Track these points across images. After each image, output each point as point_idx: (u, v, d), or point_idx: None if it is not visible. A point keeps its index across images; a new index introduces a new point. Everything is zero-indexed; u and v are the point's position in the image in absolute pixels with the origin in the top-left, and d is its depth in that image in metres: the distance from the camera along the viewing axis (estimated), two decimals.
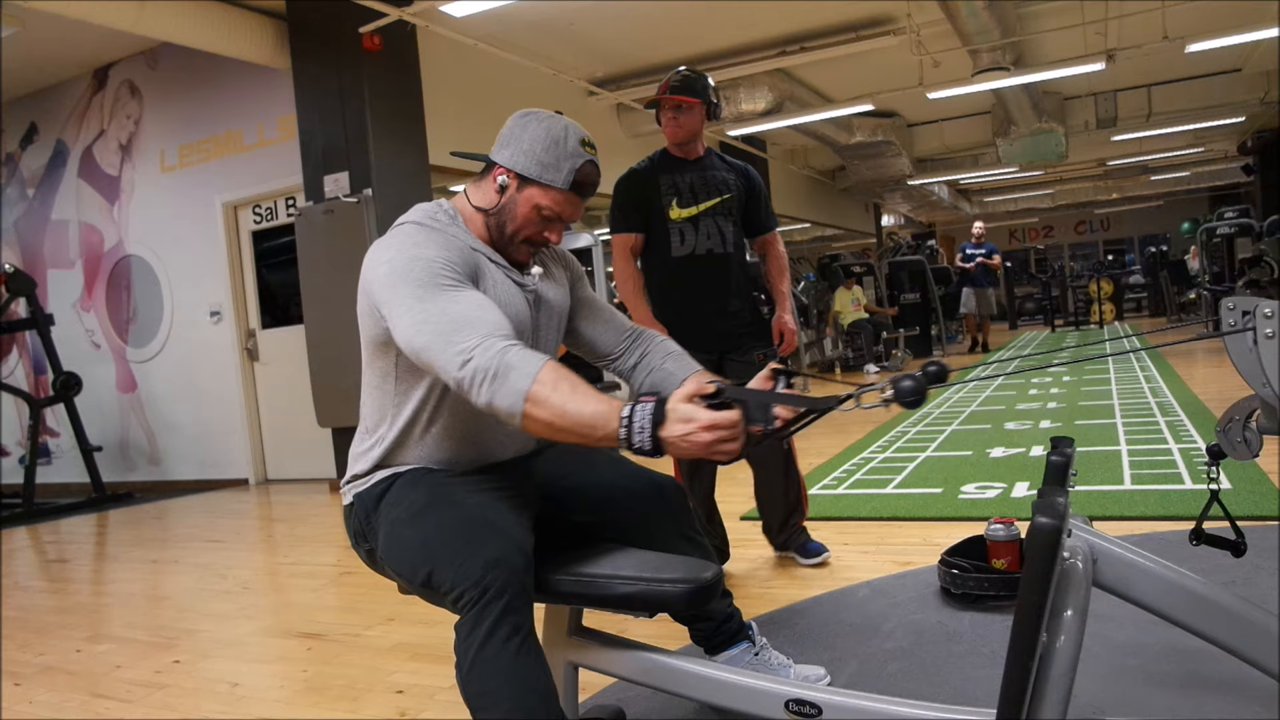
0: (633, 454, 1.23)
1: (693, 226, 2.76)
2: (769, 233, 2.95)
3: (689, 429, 1.17)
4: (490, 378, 1.23)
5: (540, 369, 1.22)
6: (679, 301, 2.79)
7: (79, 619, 3.19)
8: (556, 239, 1.57)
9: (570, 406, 1.20)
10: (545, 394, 1.21)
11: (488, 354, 1.24)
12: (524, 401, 1.21)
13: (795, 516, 2.94)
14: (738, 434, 1.18)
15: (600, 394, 1.23)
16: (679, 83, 2.74)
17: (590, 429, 1.20)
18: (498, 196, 1.53)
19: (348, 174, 5.36)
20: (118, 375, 7.07)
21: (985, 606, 2.30)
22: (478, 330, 1.28)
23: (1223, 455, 1.38)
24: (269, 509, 5.42)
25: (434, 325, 1.30)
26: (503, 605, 1.26)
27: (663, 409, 1.19)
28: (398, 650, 2.48)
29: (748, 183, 2.87)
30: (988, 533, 2.40)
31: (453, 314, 1.31)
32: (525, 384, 1.21)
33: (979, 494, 3.59)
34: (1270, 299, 1.19)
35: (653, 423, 1.18)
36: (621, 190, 2.82)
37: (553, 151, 1.49)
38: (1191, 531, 1.45)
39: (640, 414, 1.18)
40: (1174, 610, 1.21)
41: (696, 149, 2.82)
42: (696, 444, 1.17)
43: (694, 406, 1.18)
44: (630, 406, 1.20)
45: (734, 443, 1.18)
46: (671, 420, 1.18)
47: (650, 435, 1.18)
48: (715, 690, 1.46)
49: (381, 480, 1.50)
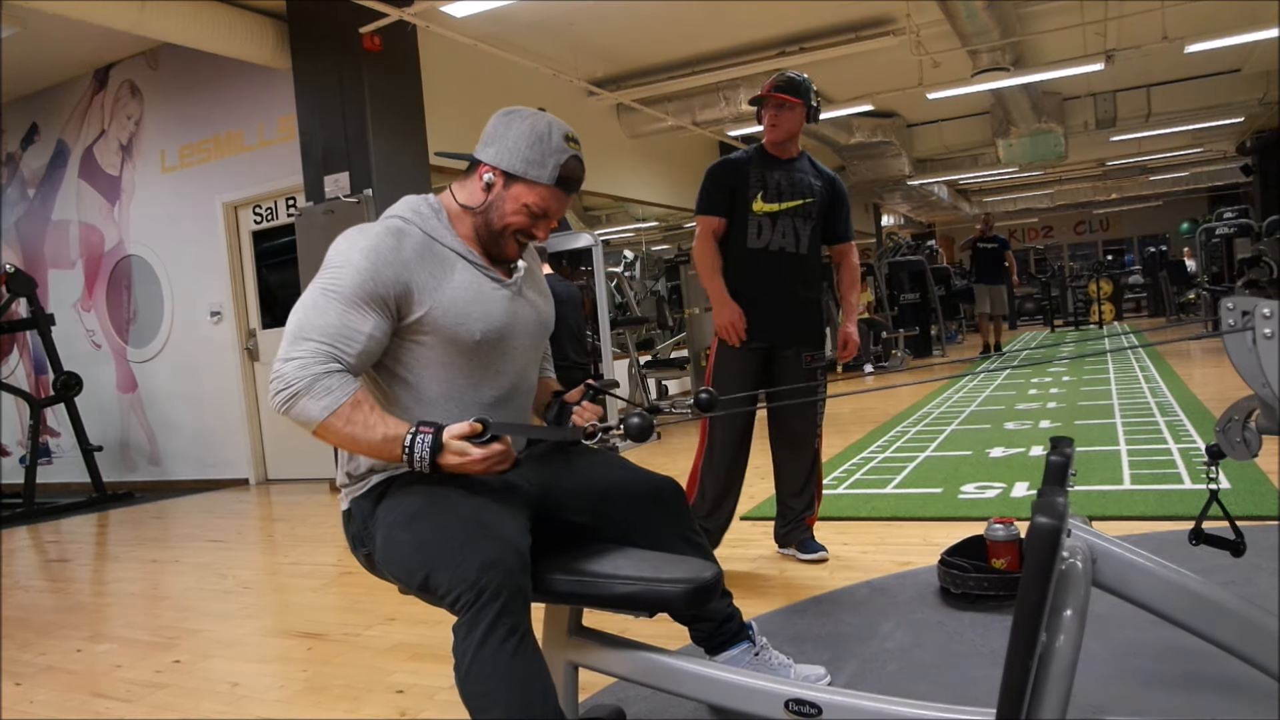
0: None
1: (771, 222, 2.84)
2: (845, 243, 3.01)
3: (463, 461, 1.39)
4: (298, 392, 1.38)
5: (340, 405, 1.38)
6: (749, 291, 2.87)
7: (79, 619, 3.19)
8: (543, 236, 1.58)
9: (360, 436, 1.39)
10: (338, 425, 1.39)
11: (307, 370, 1.38)
12: (315, 427, 1.39)
13: (806, 513, 2.97)
14: (507, 458, 1.42)
15: (392, 422, 1.40)
16: (784, 83, 2.84)
17: (379, 454, 1.41)
18: (484, 194, 1.54)
19: (348, 174, 5.36)
20: (118, 375, 7.07)
21: (985, 606, 2.30)
22: (322, 346, 1.39)
23: (1222, 455, 1.38)
24: (269, 509, 5.42)
25: (299, 318, 1.43)
26: (499, 606, 1.26)
27: (439, 440, 1.39)
28: (398, 650, 2.48)
29: (833, 190, 2.94)
30: (987, 533, 2.40)
31: (319, 323, 1.41)
32: (320, 416, 1.38)
33: (979, 494, 3.60)
34: (1269, 299, 1.19)
35: (431, 452, 1.38)
36: (711, 176, 2.91)
37: (537, 148, 1.50)
38: (1191, 531, 1.45)
39: (420, 445, 1.38)
40: (1174, 610, 1.21)
41: (792, 149, 2.90)
42: (472, 471, 1.40)
43: (466, 444, 1.39)
44: (410, 436, 1.39)
45: (505, 463, 1.42)
46: (448, 453, 1.39)
47: (430, 462, 1.38)
48: (715, 690, 1.46)
49: (377, 485, 1.51)
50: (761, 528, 3.35)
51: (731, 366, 2.84)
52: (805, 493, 2.96)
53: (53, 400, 6.35)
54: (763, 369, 2.88)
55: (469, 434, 1.39)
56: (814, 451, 2.94)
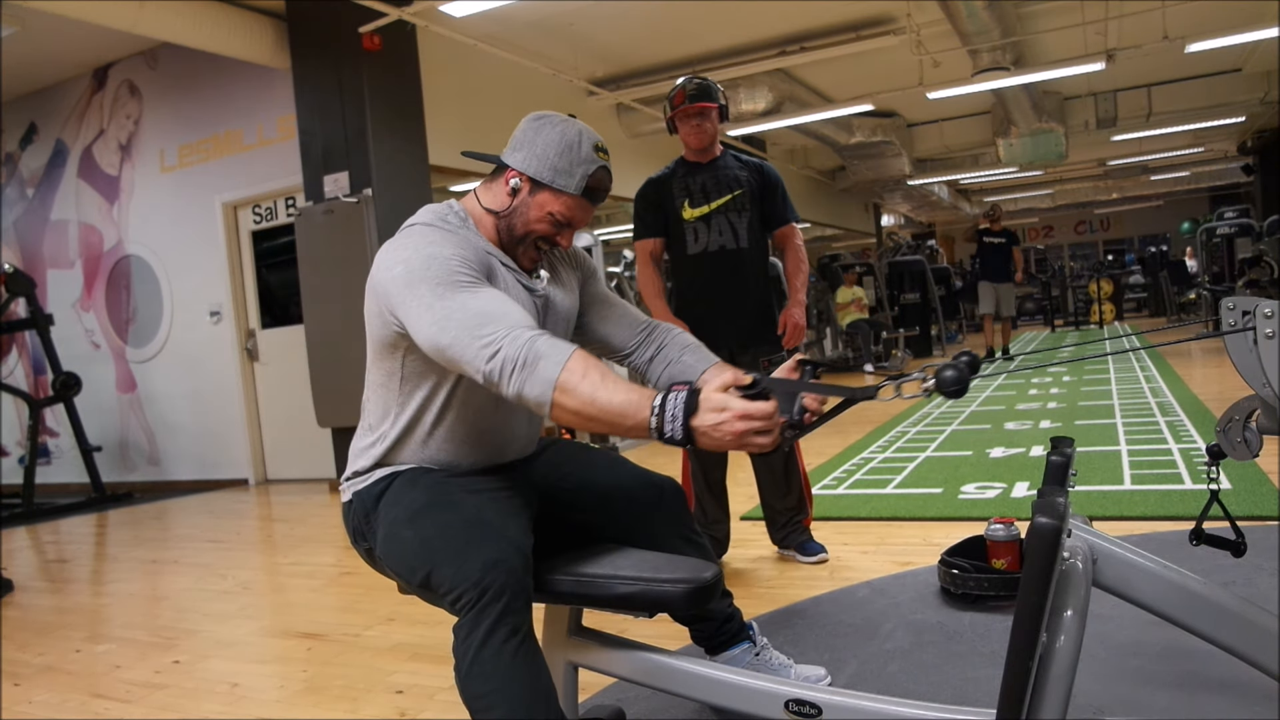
0: (663, 443, 1.20)
1: (705, 224, 2.85)
2: (786, 225, 2.99)
3: (722, 418, 1.15)
4: (519, 366, 1.22)
5: (569, 357, 1.21)
6: (696, 298, 2.90)
7: (79, 619, 3.19)
8: (566, 244, 1.56)
9: (600, 395, 1.19)
10: (574, 382, 1.19)
11: (515, 344, 1.23)
12: (553, 390, 1.20)
13: (798, 516, 2.96)
14: (772, 425, 1.16)
15: (630, 383, 1.21)
16: (696, 90, 2.82)
17: (620, 417, 1.19)
18: (509, 199, 1.51)
19: (348, 174, 5.37)
20: (117, 375, 7.07)
21: (985, 606, 2.30)
22: (502, 322, 1.26)
23: (1222, 455, 1.37)
24: (269, 509, 5.42)
25: (457, 321, 1.28)
26: (501, 606, 1.26)
27: (695, 398, 1.17)
28: (398, 650, 2.48)
29: (761, 177, 2.93)
30: (988, 533, 2.40)
31: (474, 309, 1.29)
32: (554, 372, 1.20)
33: (979, 494, 3.59)
34: (1270, 299, 1.19)
35: (685, 412, 1.16)
36: (639, 198, 2.95)
37: (566, 157, 1.48)
38: (1191, 531, 1.45)
39: (673, 402, 1.17)
40: (1174, 610, 1.21)
41: (713, 152, 2.91)
42: (730, 433, 1.15)
43: (728, 396, 1.16)
44: (662, 395, 1.18)
45: (768, 435, 1.16)
46: (704, 410, 1.16)
47: (683, 424, 1.16)
48: (715, 690, 1.46)
49: (381, 479, 1.50)
50: (761, 528, 3.35)
51: None
52: (790, 495, 2.95)
53: (52, 400, 6.35)
54: None
55: (733, 384, 1.19)
56: (784, 454, 2.92)
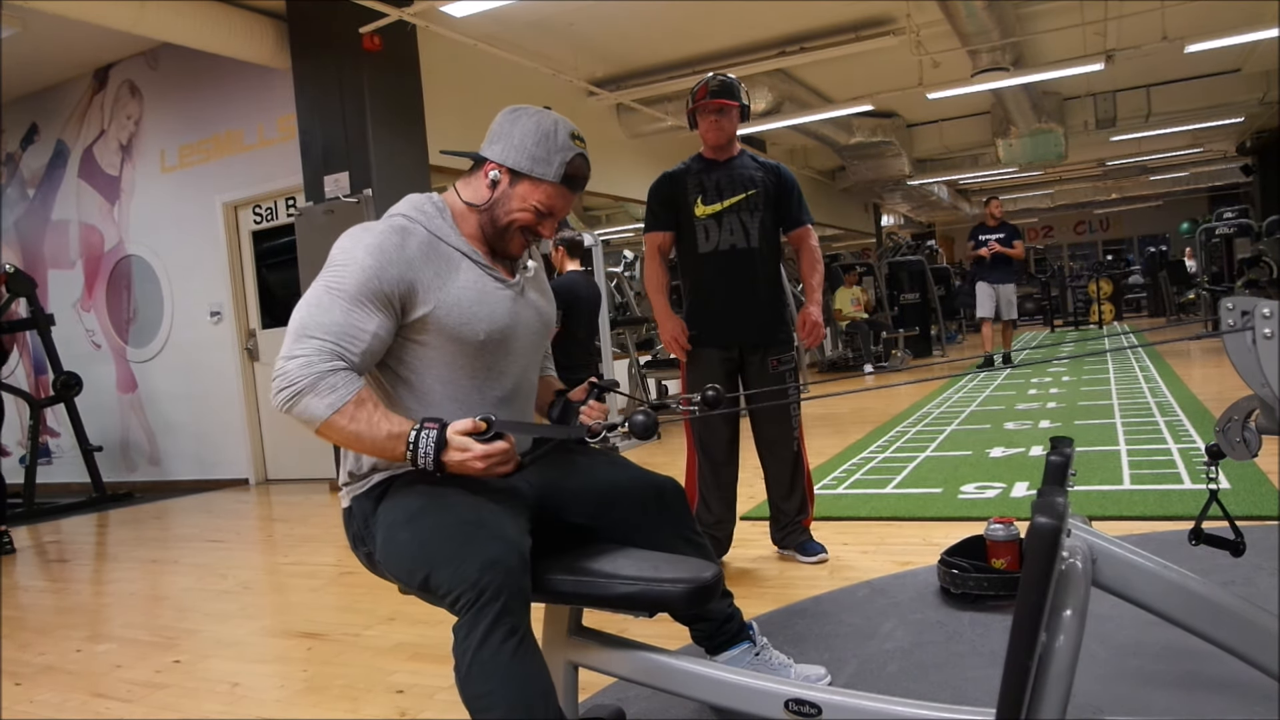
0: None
1: (716, 223, 2.85)
2: (801, 227, 2.98)
3: (465, 456, 1.37)
4: (297, 393, 1.37)
5: (345, 403, 1.37)
6: (705, 296, 2.90)
7: (79, 619, 3.19)
8: (549, 233, 1.58)
9: (365, 435, 1.38)
10: (342, 423, 1.38)
11: (308, 369, 1.37)
12: (321, 425, 1.39)
13: (800, 515, 2.97)
14: (509, 458, 1.40)
15: (395, 419, 1.39)
16: (718, 87, 2.83)
17: (382, 452, 1.40)
18: (489, 192, 1.54)
19: (348, 174, 5.36)
20: (118, 375, 7.07)
21: (985, 606, 2.30)
22: (322, 345, 1.38)
23: (1222, 455, 1.38)
24: (269, 509, 5.42)
25: (303, 313, 1.42)
26: (499, 607, 1.26)
27: (444, 434, 1.37)
28: (398, 650, 2.48)
29: (778, 178, 2.93)
30: (987, 533, 2.40)
31: (327, 319, 1.40)
32: (324, 414, 1.37)
33: (979, 494, 3.59)
34: (1269, 299, 1.19)
35: (436, 449, 1.36)
36: (652, 192, 2.95)
37: (543, 145, 1.51)
38: (1191, 531, 1.45)
39: (425, 440, 1.37)
40: (1174, 610, 1.21)
41: (731, 150, 2.91)
42: (474, 469, 1.38)
43: (469, 439, 1.37)
44: (415, 432, 1.37)
45: (507, 464, 1.40)
46: (452, 449, 1.37)
47: (434, 459, 1.37)
48: (715, 690, 1.46)
49: (378, 484, 1.51)
50: (761, 528, 3.35)
51: (702, 375, 2.85)
52: (794, 495, 2.96)
53: (52, 400, 6.35)
54: (734, 374, 2.91)
55: (472, 431, 1.38)
56: (794, 454, 2.94)
